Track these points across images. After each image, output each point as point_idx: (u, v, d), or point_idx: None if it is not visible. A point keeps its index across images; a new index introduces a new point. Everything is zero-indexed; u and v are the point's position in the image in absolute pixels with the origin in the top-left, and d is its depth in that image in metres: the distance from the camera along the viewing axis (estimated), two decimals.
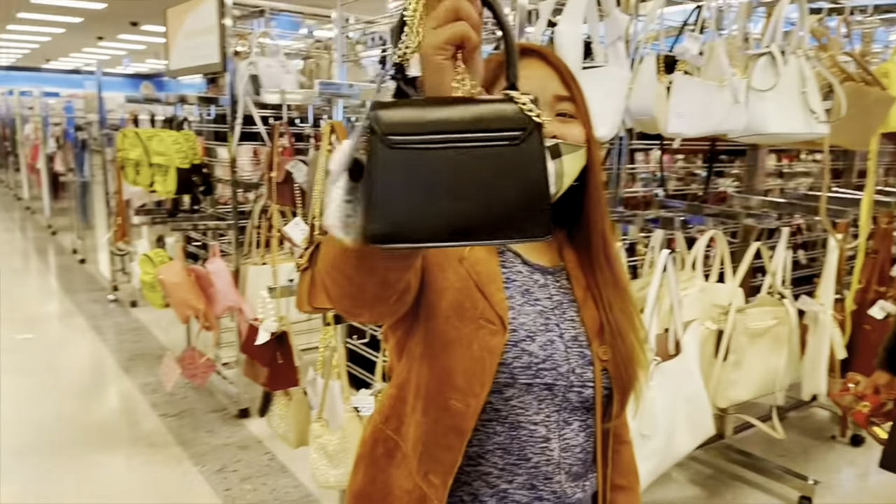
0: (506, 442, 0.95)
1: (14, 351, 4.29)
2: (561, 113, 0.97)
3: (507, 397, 0.94)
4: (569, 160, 0.95)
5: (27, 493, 2.70)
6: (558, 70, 0.98)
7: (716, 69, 2.22)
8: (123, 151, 3.76)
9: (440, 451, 0.95)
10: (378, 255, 0.71)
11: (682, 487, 2.94)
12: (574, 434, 0.99)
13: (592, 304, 1.02)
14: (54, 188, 8.53)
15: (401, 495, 0.99)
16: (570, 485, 0.99)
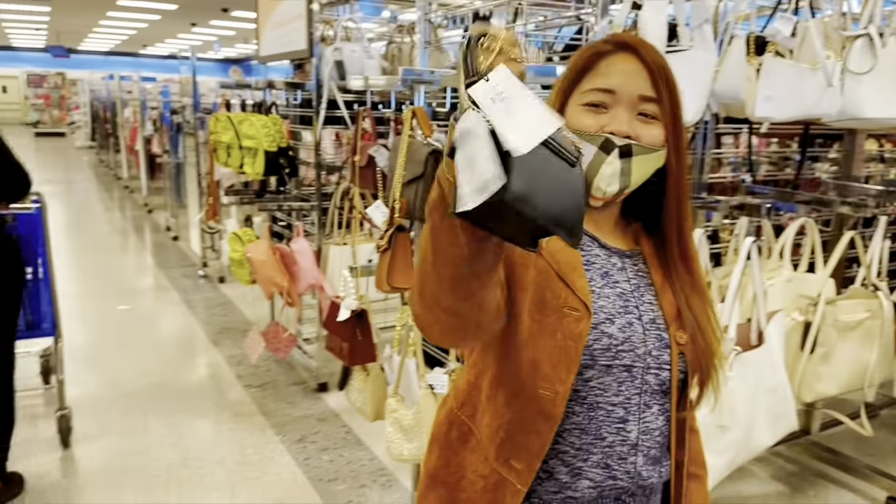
0: (583, 422, 0.97)
1: (114, 321, 4.59)
2: (643, 113, 0.96)
3: (587, 378, 0.96)
4: (639, 161, 0.95)
5: (126, 450, 2.91)
6: (650, 69, 0.96)
7: (809, 51, 2.13)
8: (216, 134, 3.94)
9: (526, 437, 0.97)
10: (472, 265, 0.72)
11: (764, 483, 2.87)
12: (654, 417, 1.00)
13: (670, 290, 1.02)
14: (151, 169, 8.97)
15: (475, 479, 1.02)
16: (648, 468, 1.00)
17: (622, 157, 0.93)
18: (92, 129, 15.37)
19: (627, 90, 0.95)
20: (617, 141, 0.93)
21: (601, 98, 0.95)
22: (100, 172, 12.84)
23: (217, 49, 22.48)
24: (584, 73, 0.97)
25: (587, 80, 0.97)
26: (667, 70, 0.96)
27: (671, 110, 0.96)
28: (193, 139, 5.88)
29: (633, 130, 0.94)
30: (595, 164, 0.94)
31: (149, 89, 9.11)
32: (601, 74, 0.96)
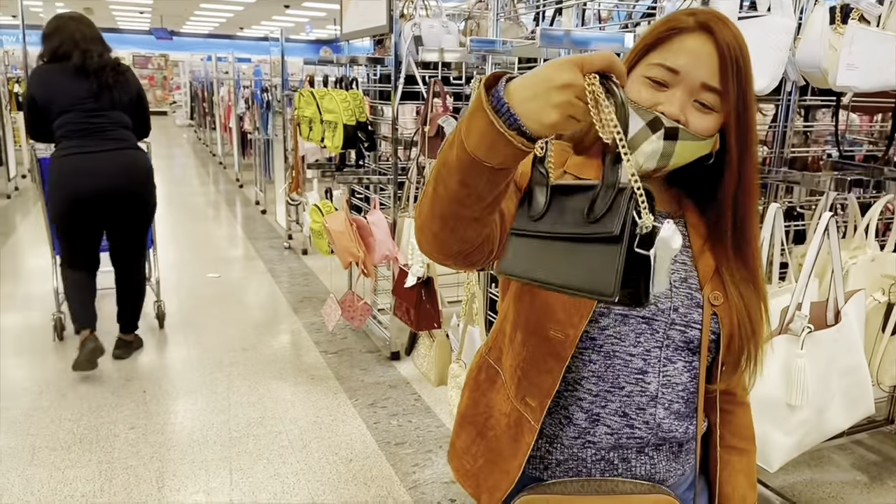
0: (600, 370, 1.00)
1: (205, 287, 4.87)
2: (701, 102, 0.94)
3: (603, 327, 0.99)
4: (683, 146, 0.94)
5: (211, 405, 3.11)
6: (722, 57, 0.92)
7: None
8: (300, 109, 4.09)
9: (539, 376, 1.01)
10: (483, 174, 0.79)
11: (843, 471, 2.78)
12: (677, 373, 1.01)
13: (710, 255, 1.02)
14: (243, 145, 9.37)
15: (500, 417, 1.07)
16: (670, 420, 1.02)
17: (667, 138, 0.92)
18: (191, 108, 16.12)
19: (692, 74, 0.93)
20: (665, 122, 0.92)
21: (664, 75, 0.94)
22: (197, 149, 13.49)
23: (308, 30, 23.01)
24: (657, 44, 0.96)
25: (657, 53, 0.95)
26: (741, 59, 0.93)
27: (738, 102, 0.94)
28: (281, 117, 6.11)
29: (683, 116, 0.93)
30: (638, 138, 0.93)
31: (243, 69, 9.49)
32: (671, 51, 0.94)
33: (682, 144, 0.93)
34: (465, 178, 0.77)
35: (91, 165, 3.20)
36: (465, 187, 0.78)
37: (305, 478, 2.59)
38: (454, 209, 0.81)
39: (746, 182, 0.99)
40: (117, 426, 2.92)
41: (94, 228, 3.37)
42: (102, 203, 3.26)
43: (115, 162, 3.27)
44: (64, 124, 3.20)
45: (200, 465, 2.65)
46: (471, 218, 0.83)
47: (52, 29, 3.26)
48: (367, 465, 2.69)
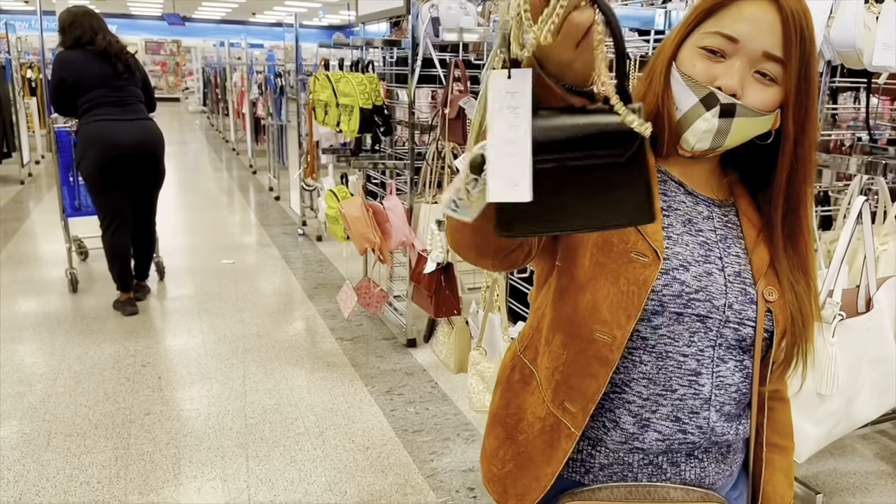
0: (651, 372, 0.93)
1: (220, 273, 4.85)
2: (762, 72, 0.86)
3: (656, 326, 0.92)
4: (741, 123, 0.87)
5: (227, 391, 3.09)
6: (785, 23, 0.84)
7: None
8: (315, 93, 4.04)
9: (581, 381, 0.95)
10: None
11: (866, 461, 2.73)
12: (730, 373, 0.95)
13: (764, 246, 0.96)
14: (256, 131, 9.34)
15: (533, 421, 1.01)
16: (722, 423, 0.96)
17: (722, 115, 0.86)
18: (203, 95, 16.12)
19: (752, 43, 0.85)
20: (721, 97, 0.86)
21: (721, 44, 0.87)
22: (210, 135, 13.49)
23: (322, 16, 22.92)
24: (713, 12, 0.89)
25: (713, 21, 0.88)
26: (805, 28, 0.85)
27: (799, 74, 0.86)
28: (295, 103, 6.07)
29: (741, 89, 0.86)
30: (691, 116, 0.88)
31: (256, 55, 9.44)
32: (729, 17, 0.87)
33: (739, 121, 0.87)
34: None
35: (123, 130, 3.77)
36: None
37: (322, 465, 2.57)
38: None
39: (803, 164, 0.92)
40: (133, 412, 2.91)
41: (123, 183, 3.86)
42: (131, 162, 3.82)
43: (140, 128, 3.86)
44: (95, 97, 3.74)
45: (217, 452, 2.63)
46: None
47: (69, 21, 3.74)
48: (385, 452, 2.67)
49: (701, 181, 0.98)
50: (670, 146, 0.93)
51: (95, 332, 3.73)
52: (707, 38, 0.88)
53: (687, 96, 0.88)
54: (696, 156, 0.93)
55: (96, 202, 3.91)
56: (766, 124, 0.89)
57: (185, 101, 19.84)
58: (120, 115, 3.78)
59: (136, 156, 3.83)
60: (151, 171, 3.97)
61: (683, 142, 0.90)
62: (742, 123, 0.87)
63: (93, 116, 3.75)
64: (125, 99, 3.82)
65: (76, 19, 3.74)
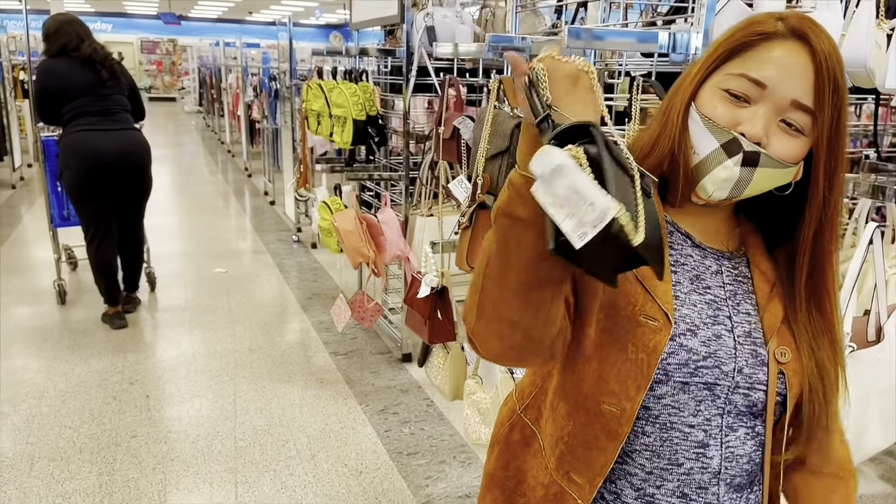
0: (655, 444, 0.87)
1: (212, 282, 4.77)
2: (788, 122, 0.80)
3: (659, 395, 0.85)
4: (763, 174, 0.81)
5: (217, 411, 3.02)
6: (818, 71, 0.77)
7: None
8: (308, 102, 3.96)
9: (588, 453, 0.88)
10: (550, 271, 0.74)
11: (871, 483, 2.67)
12: (740, 443, 0.88)
13: (778, 302, 0.89)
14: (251, 134, 9.25)
15: (535, 486, 0.95)
16: (731, 496, 0.89)
17: (745, 164, 0.80)
18: (199, 95, 16.01)
19: (781, 90, 0.79)
20: (745, 144, 0.79)
21: (746, 89, 0.80)
22: (206, 136, 13.39)
23: (319, 15, 22.81)
24: (739, 51, 0.82)
25: (738, 62, 0.81)
26: (838, 74, 0.78)
27: (830, 126, 0.80)
28: (289, 105, 5.98)
29: (766, 138, 0.80)
30: (710, 162, 0.81)
31: (252, 55, 9.34)
32: (757, 60, 0.80)
33: (761, 172, 0.80)
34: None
35: (106, 140, 3.70)
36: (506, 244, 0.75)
37: (313, 491, 2.49)
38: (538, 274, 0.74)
39: (830, 221, 0.85)
40: (119, 434, 2.83)
41: (107, 195, 3.79)
42: (114, 173, 3.74)
43: (124, 139, 3.80)
44: (78, 106, 3.67)
45: (204, 478, 2.55)
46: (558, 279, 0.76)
47: (54, 29, 3.68)
48: (378, 477, 2.59)
49: (711, 232, 0.91)
50: (684, 193, 0.86)
51: (83, 346, 3.65)
52: (731, 81, 0.81)
53: (707, 140, 0.81)
54: (711, 204, 0.86)
55: (80, 214, 3.86)
56: (788, 176, 0.83)
57: (181, 101, 19.73)
58: (103, 124, 3.72)
59: (120, 166, 3.76)
60: (136, 183, 3.91)
61: (700, 189, 0.84)
62: (764, 174, 0.81)
63: (76, 126, 3.69)
64: (110, 108, 3.76)
65: (62, 27, 3.68)
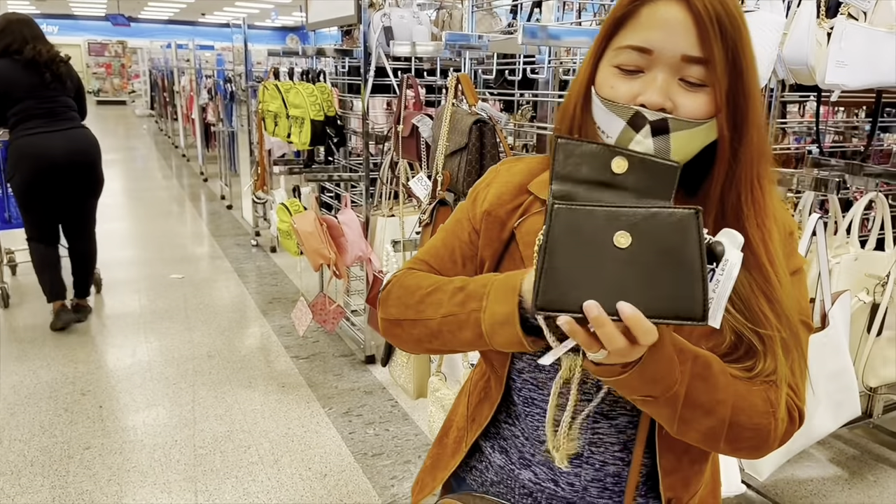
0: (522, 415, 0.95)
1: (168, 289, 4.69)
2: (686, 79, 0.77)
3: (519, 370, 0.94)
4: (680, 138, 0.77)
5: (174, 419, 2.97)
6: (698, 20, 0.75)
7: (885, 14, 1.97)
8: (264, 103, 3.93)
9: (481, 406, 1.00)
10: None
11: (822, 466, 2.76)
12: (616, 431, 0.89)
13: None
14: (206, 137, 9.11)
15: (453, 430, 1.06)
16: (600, 487, 0.91)
17: (655, 134, 0.76)
18: (151, 98, 15.69)
19: (668, 49, 0.76)
20: (648, 115, 0.76)
21: (636, 59, 0.78)
22: (159, 140, 13.13)
23: (274, 17, 22.57)
24: (622, 24, 0.80)
25: (623, 34, 0.80)
26: (725, 17, 0.76)
27: (728, 70, 0.76)
28: (246, 107, 5.91)
29: (669, 101, 0.77)
30: (623, 141, 0.78)
31: (206, 57, 9.19)
32: (638, 28, 0.78)
33: (677, 137, 0.77)
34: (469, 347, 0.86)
35: (54, 140, 3.68)
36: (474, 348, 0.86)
37: (277, 496, 2.47)
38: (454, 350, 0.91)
39: (741, 178, 0.80)
40: (71, 447, 2.76)
41: (56, 198, 3.77)
42: (65, 171, 3.71)
43: (73, 138, 3.76)
44: (24, 109, 3.64)
45: (163, 488, 2.51)
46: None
47: (0, 27, 3.62)
48: (343, 479, 2.59)
49: None
50: None
51: (31, 357, 3.55)
52: (619, 55, 0.80)
53: (613, 121, 0.79)
54: None
55: (27, 218, 3.81)
56: (710, 132, 0.79)
57: (132, 105, 19.30)
58: (51, 125, 3.69)
59: (71, 164, 3.73)
60: (87, 180, 3.86)
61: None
62: (682, 138, 0.77)
63: (23, 130, 3.66)
64: (55, 109, 3.72)
65: (8, 26, 3.62)
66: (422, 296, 0.87)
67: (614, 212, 0.66)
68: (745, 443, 0.81)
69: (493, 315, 0.78)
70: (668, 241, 0.65)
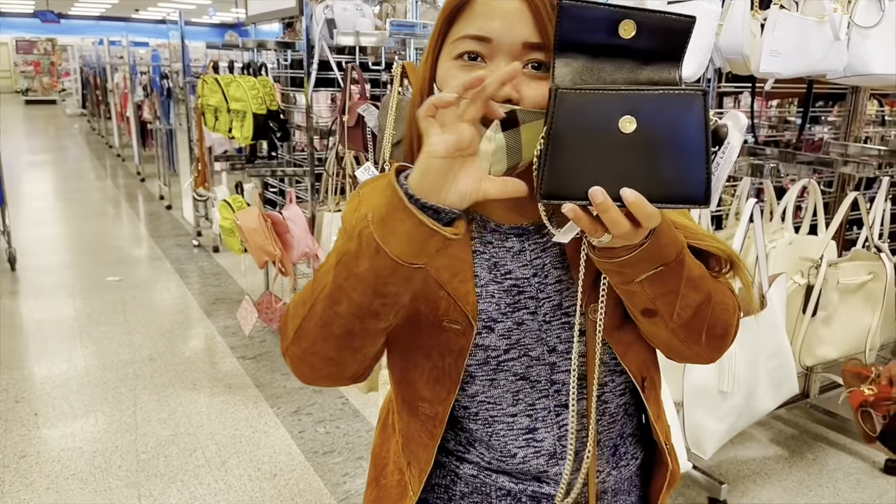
0: (484, 438, 0.87)
1: (105, 292, 4.53)
2: (533, 64, 0.74)
3: (472, 394, 0.86)
4: (532, 129, 0.72)
5: (115, 425, 2.87)
6: (534, 6, 0.73)
7: (815, 4, 2.04)
8: (204, 98, 3.83)
9: (417, 448, 0.90)
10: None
11: (763, 446, 2.84)
12: (580, 417, 0.86)
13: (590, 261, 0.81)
14: (142, 136, 8.83)
15: (393, 470, 0.95)
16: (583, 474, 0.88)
17: (506, 128, 0.71)
18: (83, 96, 15.14)
19: (508, 37, 0.73)
20: (496, 108, 0.71)
21: (474, 48, 0.74)
22: (91, 140, 12.68)
23: (212, 14, 22.05)
24: (458, 14, 0.76)
25: (460, 25, 0.76)
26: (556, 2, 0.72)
27: None
28: (184, 105, 5.76)
29: (516, 92, 0.72)
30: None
31: (141, 54, 8.91)
32: (474, 17, 0.74)
33: (528, 129, 0.72)
34: (385, 287, 0.71)
35: None
36: (383, 297, 0.72)
37: (225, 498, 2.41)
38: (365, 324, 0.74)
39: None
40: (6, 455, 2.64)
41: None
42: None
43: None
44: None
45: (104, 495, 2.41)
46: (381, 329, 0.75)
47: None
48: (294, 478, 2.54)
49: (513, 207, 0.84)
50: None
51: None
52: (457, 46, 0.76)
53: None
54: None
55: None
56: None
57: (63, 104, 18.59)
58: None
59: None
60: None
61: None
62: (533, 129, 0.72)
63: None
64: None
65: None
66: (310, 284, 0.79)
67: (620, 95, 0.64)
68: (719, 328, 0.82)
69: (377, 211, 0.68)
70: (675, 124, 0.64)
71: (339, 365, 0.79)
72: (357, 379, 0.84)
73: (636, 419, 0.95)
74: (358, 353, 0.78)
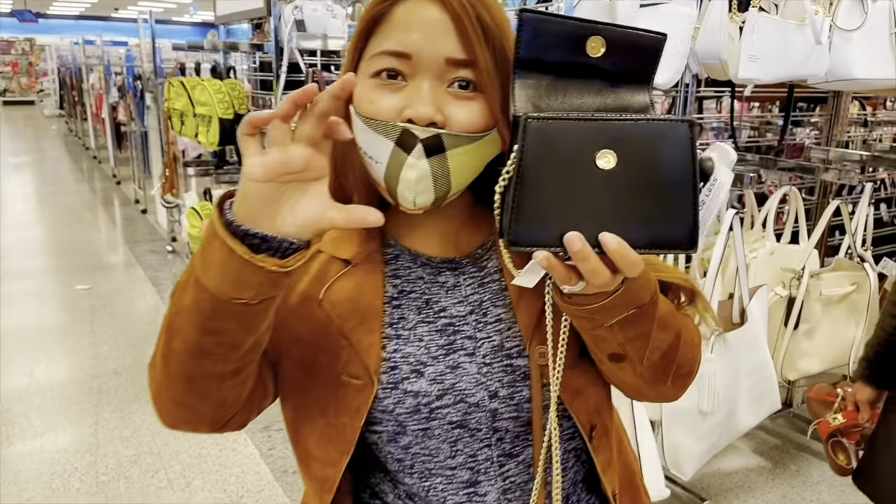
0: (421, 493, 0.79)
1: (74, 301, 4.39)
2: (458, 83, 0.67)
3: (405, 446, 0.76)
4: (459, 156, 0.66)
5: (74, 444, 2.76)
6: (457, 18, 0.66)
7: (796, 7, 1.98)
8: (170, 101, 3.72)
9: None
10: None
11: (746, 457, 2.79)
12: (525, 467, 0.79)
13: (533, 297, 0.74)
14: (118, 137, 8.67)
15: None
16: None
17: (430, 154, 0.65)
18: (60, 97, 14.93)
19: (429, 52, 0.66)
20: (418, 132, 0.64)
21: (393, 65, 0.67)
22: (69, 142, 12.48)
23: (193, 12, 21.83)
24: (373, 30, 0.69)
25: (377, 39, 0.68)
26: (486, 15, 0.66)
27: (499, 75, 0.67)
28: (156, 107, 5.62)
29: (441, 114, 0.65)
30: (395, 165, 0.66)
31: (120, 53, 8.75)
32: (392, 31, 0.67)
33: (455, 154, 0.66)
34: (210, 323, 0.62)
35: None
36: (214, 334, 0.63)
37: None
38: (202, 365, 0.66)
39: None
40: None
41: None
42: None
43: None
44: None
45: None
46: (226, 373, 0.65)
47: None
48: (262, 499, 2.45)
49: (447, 239, 0.78)
50: (395, 209, 0.71)
51: None
52: (374, 63, 0.68)
53: (379, 143, 0.66)
54: (431, 210, 0.70)
55: None
56: (493, 146, 0.69)
57: (41, 105, 18.34)
58: None
59: None
60: None
61: (402, 200, 0.68)
62: (461, 156, 0.66)
63: None
64: None
65: None
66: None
67: (597, 125, 0.56)
68: (685, 366, 0.76)
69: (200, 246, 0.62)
70: (659, 158, 0.56)
71: (190, 410, 0.71)
72: (226, 427, 0.75)
73: (589, 464, 0.86)
74: (207, 399, 0.69)
